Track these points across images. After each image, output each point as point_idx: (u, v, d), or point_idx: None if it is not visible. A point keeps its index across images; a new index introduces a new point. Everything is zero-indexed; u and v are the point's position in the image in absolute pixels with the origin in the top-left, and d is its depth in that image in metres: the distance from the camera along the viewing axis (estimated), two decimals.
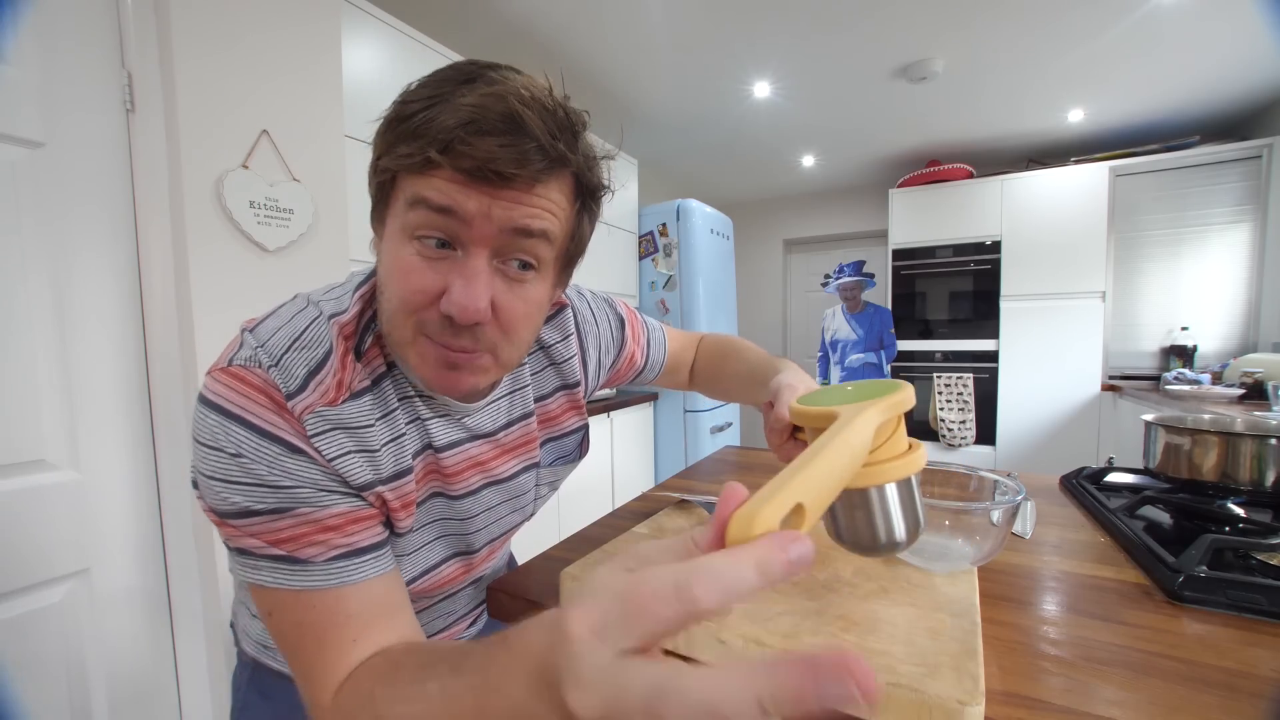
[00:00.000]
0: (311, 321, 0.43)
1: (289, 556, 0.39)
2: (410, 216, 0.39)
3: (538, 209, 0.40)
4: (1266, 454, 0.70)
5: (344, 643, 0.39)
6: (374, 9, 1.59)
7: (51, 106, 0.95)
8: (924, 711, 0.36)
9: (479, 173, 0.37)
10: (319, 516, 0.40)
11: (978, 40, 2.24)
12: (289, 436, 0.40)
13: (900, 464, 0.34)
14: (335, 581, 0.40)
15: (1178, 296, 3.05)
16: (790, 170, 3.94)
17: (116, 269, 1.05)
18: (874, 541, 0.36)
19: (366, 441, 0.43)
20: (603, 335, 0.67)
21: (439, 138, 0.37)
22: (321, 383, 0.41)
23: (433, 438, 0.50)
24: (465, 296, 0.39)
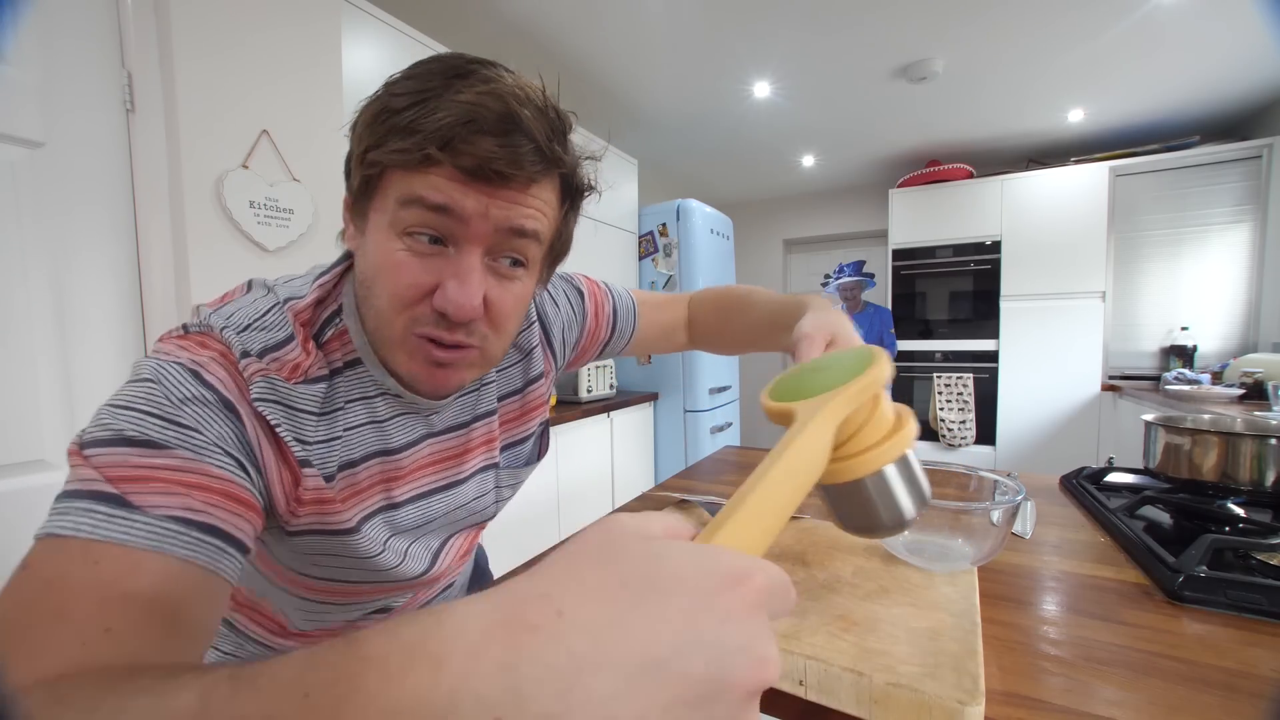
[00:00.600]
0: (271, 306, 0.42)
1: (115, 496, 0.30)
2: (403, 214, 0.39)
3: (532, 209, 0.41)
4: (1266, 454, 0.70)
5: (91, 629, 0.27)
6: (374, 9, 1.59)
7: (51, 106, 0.95)
8: (924, 711, 0.36)
9: (479, 172, 0.37)
10: (193, 466, 0.33)
11: (978, 40, 2.24)
12: (226, 392, 0.37)
13: (888, 446, 0.33)
14: (148, 543, 0.30)
15: (1178, 296, 3.05)
16: (790, 170, 3.94)
17: (116, 269, 1.05)
18: (879, 525, 0.34)
19: (301, 429, 0.41)
20: (563, 313, 0.65)
21: (438, 134, 0.36)
22: (277, 359, 0.40)
23: (388, 440, 0.48)
24: (460, 294, 0.39)
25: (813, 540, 0.63)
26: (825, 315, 0.50)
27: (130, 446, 0.32)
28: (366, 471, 0.47)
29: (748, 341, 0.69)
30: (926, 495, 0.35)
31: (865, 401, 0.33)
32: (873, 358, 0.34)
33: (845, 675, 0.39)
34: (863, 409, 0.33)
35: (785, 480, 0.26)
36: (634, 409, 2.78)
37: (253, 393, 0.38)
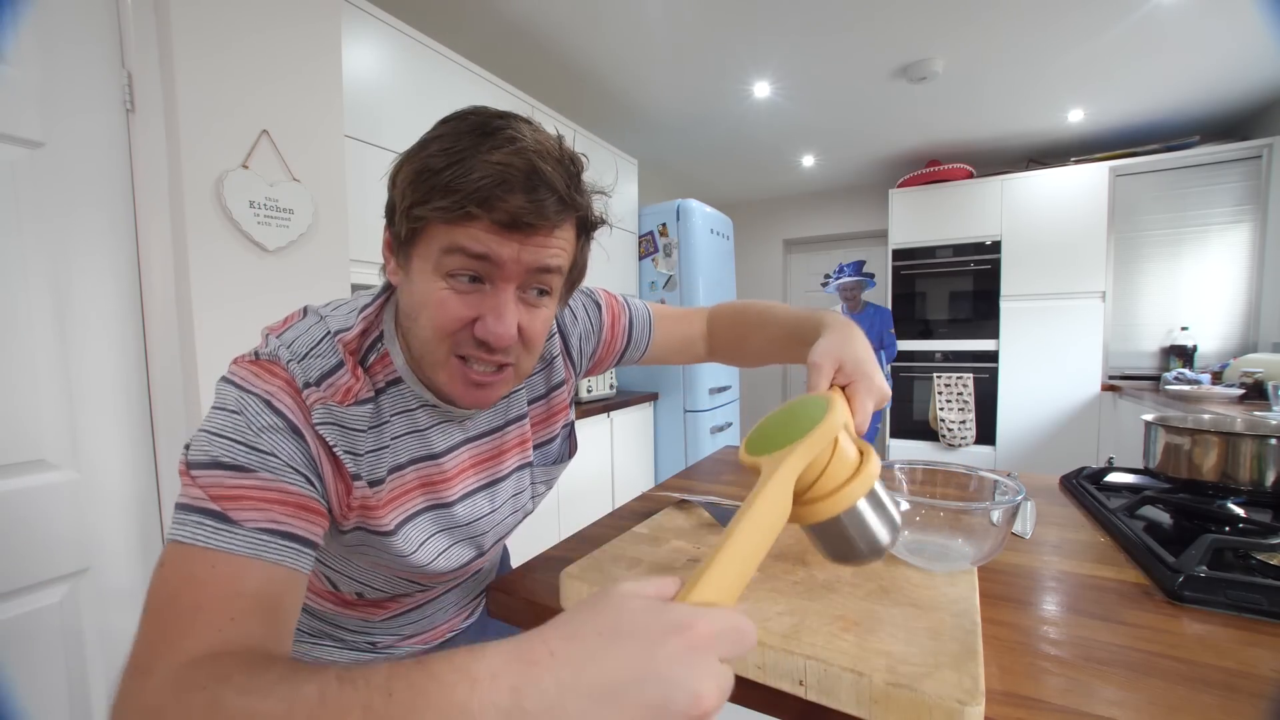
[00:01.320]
0: (324, 336, 0.49)
1: (220, 513, 0.39)
2: (446, 260, 0.45)
3: (556, 249, 0.47)
4: (1266, 454, 0.70)
5: (220, 618, 0.36)
6: (374, 9, 1.59)
7: (51, 106, 0.95)
8: (924, 711, 0.36)
9: (512, 225, 0.44)
10: (274, 485, 0.42)
11: (978, 40, 2.24)
12: (294, 418, 0.45)
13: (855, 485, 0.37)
14: (249, 551, 0.39)
15: (1178, 296, 3.05)
16: (790, 170, 3.94)
17: (116, 269, 1.05)
18: (858, 554, 0.38)
19: (355, 444, 0.48)
20: (580, 324, 0.70)
21: (476, 195, 0.43)
22: (333, 385, 0.47)
23: (430, 446, 0.55)
24: (500, 325, 0.46)
25: None
26: (836, 339, 0.52)
27: (224, 470, 0.41)
28: (412, 474, 0.54)
29: (766, 355, 0.73)
30: (898, 522, 0.40)
31: (824, 448, 0.37)
32: (827, 408, 0.39)
33: (845, 675, 0.39)
34: (823, 454, 0.37)
35: (750, 536, 0.31)
36: (634, 409, 2.78)
37: (314, 417, 0.46)
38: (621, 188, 2.92)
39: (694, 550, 0.61)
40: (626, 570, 0.56)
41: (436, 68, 1.79)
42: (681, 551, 0.61)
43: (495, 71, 2.09)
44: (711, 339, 0.79)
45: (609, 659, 0.25)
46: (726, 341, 0.77)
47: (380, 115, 1.61)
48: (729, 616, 0.28)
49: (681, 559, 0.59)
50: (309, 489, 0.44)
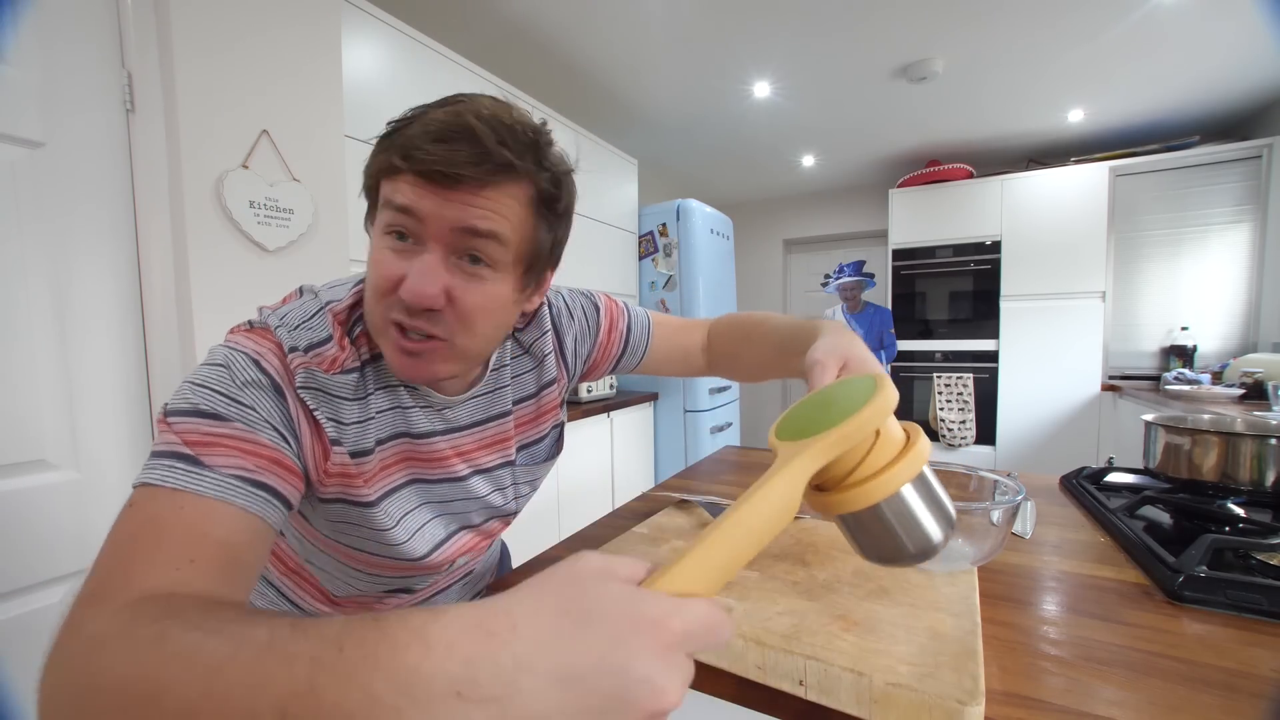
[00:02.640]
0: (317, 310, 0.50)
1: (192, 456, 0.39)
2: (383, 216, 0.46)
3: (485, 210, 0.45)
4: (1266, 454, 0.70)
5: (179, 557, 0.35)
6: (374, 9, 1.59)
7: (51, 106, 0.95)
8: (924, 711, 0.36)
9: (430, 175, 0.43)
10: (249, 436, 0.42)
11: (978, 40, 2.24)
12: (278, 378, 0.45)
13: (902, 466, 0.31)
14: (218, 494, 0.38)
15: (1178, 296, 3.05)
16: (790, 170, 3.94)
17: (116, 269, 1.05)
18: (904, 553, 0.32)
19: (339, 412, 0.49)
20: (577, 324, 0.69)
21: (403, 146, 0.43)
22: (320, 354, 0.47)
23: (411, 425, 0.55)
24: (416, 282, 0.44)
25: (812, 540, 0.63)
26: (838, 339, 0.49)
27: (201, 418, 0.41)
28: (395, 448, 0.54)
29: (762, 366, 0.70)
30: (951, 516, 0.33)
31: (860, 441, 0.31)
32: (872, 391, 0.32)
33: (845, 675, 0.39)
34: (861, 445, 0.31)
35: (743, 527, 0.28)
36: (634, 409, 2.78)
37: (297, 380, 0.46)
38: (621, 188, 2.92)
39: None
40: None
41: (437, 68, 1.79)
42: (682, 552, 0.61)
43: (495, 71, 2.09)
44: (710, 352, 0.77)
45: (573, 643, 0.24)
46: (724, 355, 0.75)
47: (380, 115, 1.60)
48: (705, 612, 0.26)
49: None
50: (284, 446, 0.44)
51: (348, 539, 0.55)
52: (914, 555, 0.32)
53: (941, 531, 0.32)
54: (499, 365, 0.62)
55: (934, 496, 0.32)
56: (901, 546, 0.32)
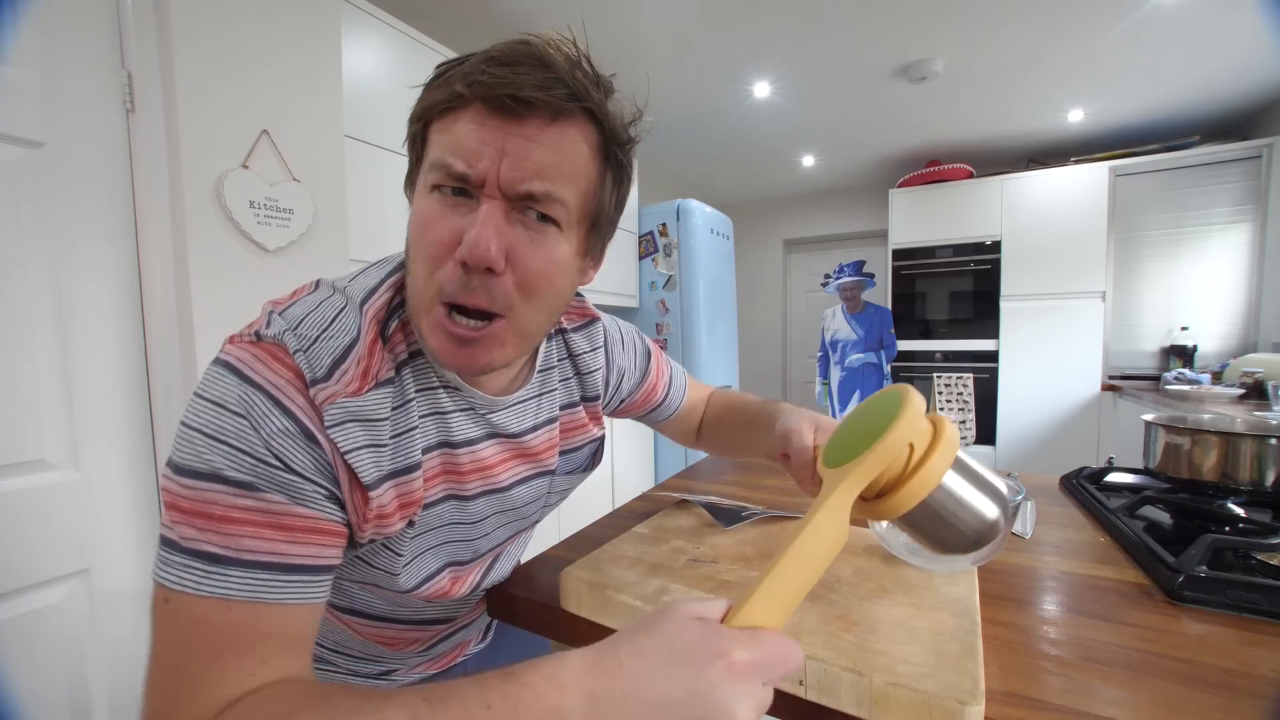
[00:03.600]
0: (339, 311, 0.42)
1: (215, 555, 0.34)
2: (434, 162, 0.40)
3: (552, 145, 0.39)
4: (1266, 454, 0.70)
5: (249, 660, 0.34)
6: (374, 9, 1.59)
7: (51, 106, 0.95)
8: (924, 711, 0.36)
9: (497, 100, 0.37)
10: (284, 510, 0.37)
11: (978, 40, 2.24)
12: (308, 422, 0.38)
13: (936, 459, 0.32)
14: (246, 594, 0.35)
15: (1178, 296, 3.05)
16: (790, 170, 3.94)
17: (116, 269, 1.05)
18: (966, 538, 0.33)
19: (378, 435, 0.41)
20: (628, 360, 0.67)
21: (465, 75, 0.39)
22: (345, 373, 0.40)
23: (451, 433, 0.48)
24: (477, 236, 0.38)
25: None
26: (800, 412, 0.56)
27: (224, 484, 0.35)
28: (437, 459, 0.47)
29: (735, 443, 0.73)
30: (1001, 491, 0.34)
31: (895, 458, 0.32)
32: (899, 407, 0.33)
33: (845, 675, 0.39)
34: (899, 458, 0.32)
35: (799, 559, 0.31)
36: None
37: (326, 419, 0.38)
38: None
39: (694, 550, 0.61)
40: (626, 570, 0.56)
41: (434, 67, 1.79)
42: (682, 551, 0.61)
43: None
44: (703, 422, 0.79)
45: (665, 677, 0.29)
46: (711, 426, 0.77)
47: (380, 115, 1.61)
48: (771, 644, 0.31)
49: (681, 559, 0.59)
50: (325, 507, 0.39)
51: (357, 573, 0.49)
52: (977, 537, 0.33)
53: (996, 507, 0.33)
54: (546, 366, 0.57)
55: (978, 477, 0.33)
56: (962, 533, 0.33)
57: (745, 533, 0.67)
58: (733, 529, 0.67)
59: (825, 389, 3.53)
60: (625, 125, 0.45)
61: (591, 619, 0.53)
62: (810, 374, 4.50)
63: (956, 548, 0.34)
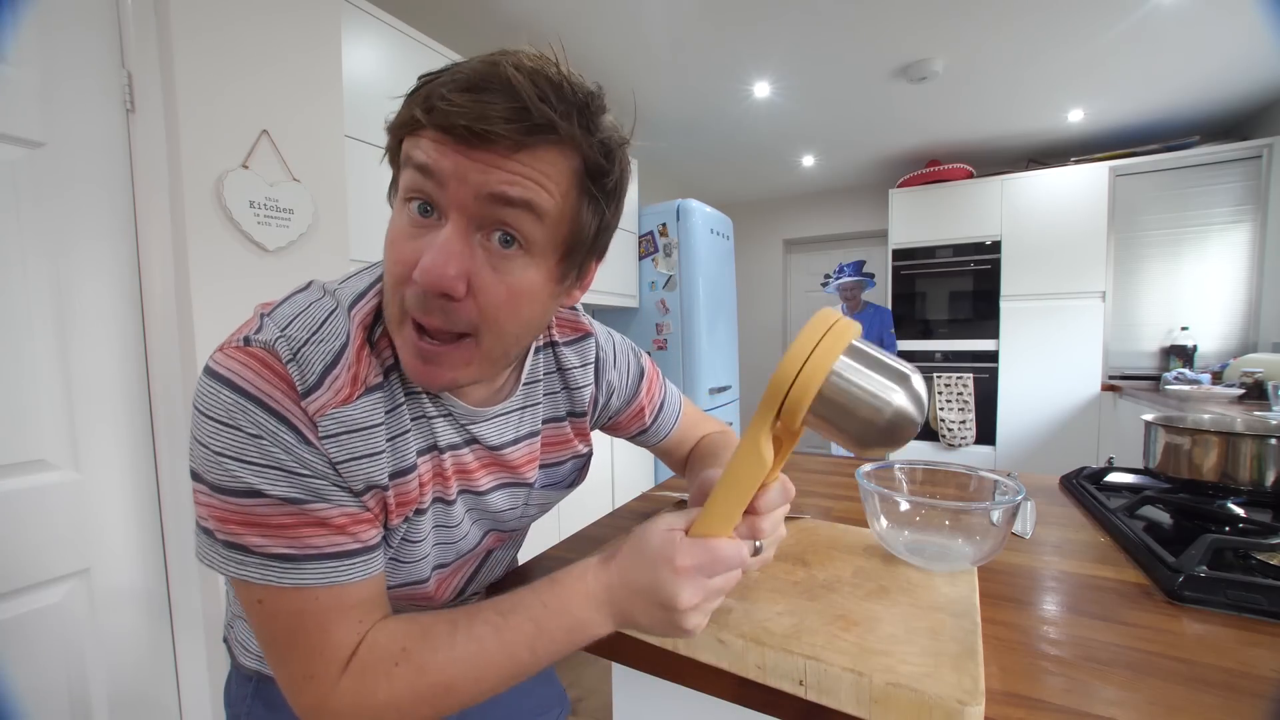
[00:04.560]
0: (330, 313, 0.42)
1: (286, 555, 0.39)
2: (403, 177, 0.40)
3: (518, 175, 0.37)
4: (1266, 454, 0.70)
5: (350, 623, 0.41)
6: (374, 9, 1.59)
7: (51, 106, 0.95)
8: (924, 711, 0.36)
9: (454, 130, 0.36)
10: (327, 514, 0.40)
11: (978, 40, 2.24)
12: (303, 427, 0.39)
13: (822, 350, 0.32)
14: (322, 581, 0.40)
15: (1178, 296, 3.05)
16: (790, 170, 3.94)
17: (117, 269, 1.05)
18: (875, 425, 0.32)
19: (372, 442, 0.42)
20: (619, 379, 0.65)
21: (426, 96, 0.38)
22: (336, 379, 0.40)
23: (437, 438, 0.48)
24: (430, 261, 0.37)
25: (813, 540, 0.63)
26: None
27: (268, 500, 0.38)
28: (430, 463, 0.48)
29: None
30: (904, 372, 0.33)
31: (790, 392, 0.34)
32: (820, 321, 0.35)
33: (845, 675, 0.39)
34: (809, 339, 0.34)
35: (730, 482, 0.40)
36: None
37: (320, 430, 0.39)
38: None
39: None
40: None
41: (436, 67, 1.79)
42: None
43: None
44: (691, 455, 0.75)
45: (638, 572, 0.41)
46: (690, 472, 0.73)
47: (380, 115, 1.60)
48: (713, 549, 0.40)
49: None
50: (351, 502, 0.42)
51: None
52: (887, 424, 0.32)
53: (900, 389, 0.32)
54: (532, 379, 0.56)
55: (877, 362, 0.33)
56: (866, 420, 0.32)
57: None
58: None
59: None
60: (609, 152, 0.41)
61: None
62: None
63: (871, 439, 0.33)
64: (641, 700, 0.57)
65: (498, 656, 0.41)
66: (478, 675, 0.41)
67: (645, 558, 0.41)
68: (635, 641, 0.49)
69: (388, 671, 0.40)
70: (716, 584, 0.40)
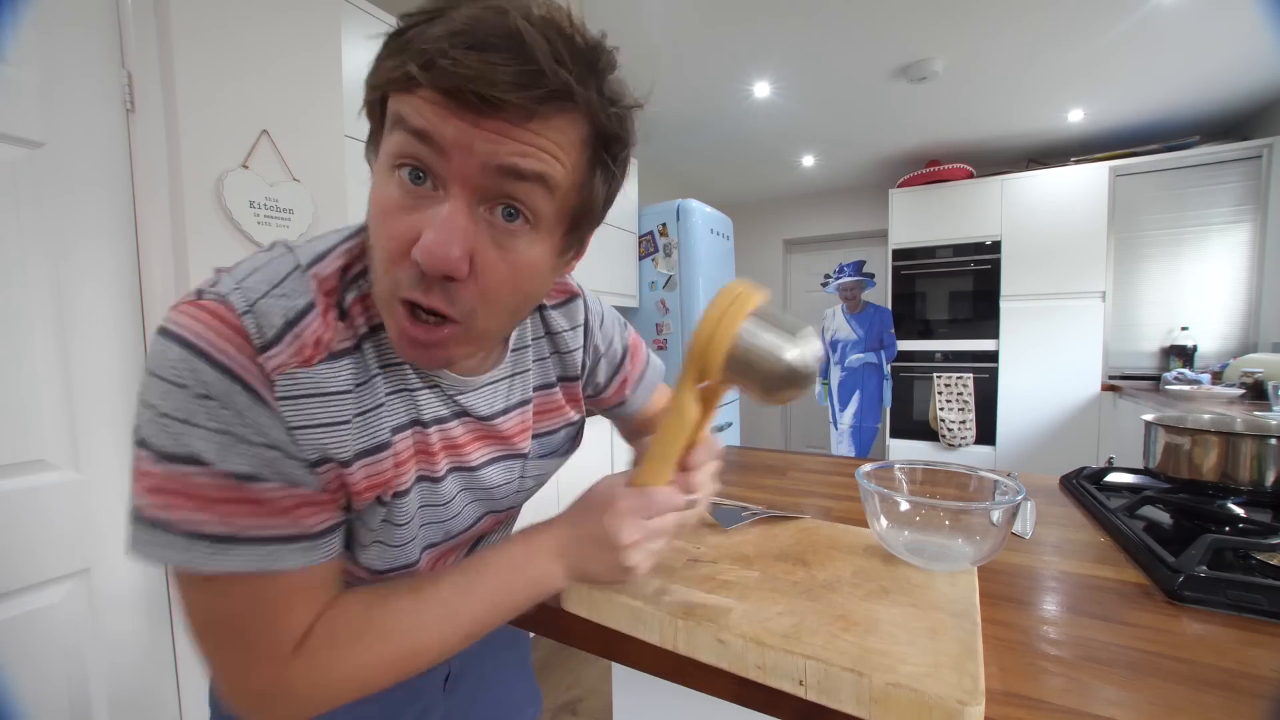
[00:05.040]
0: (291, 270, 0.38)
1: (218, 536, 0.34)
2: (391, 140, 0.35)
3: (531, 146, 0.34)
4: (1266, 454, 0.70)
5: (299, 608, 0.38)
6: (374, 9, 1.59)
7: (51, 106, 0.95)
8: (924, 711, 0.36)
9: (459, 94, 0.32)
10: (272, 495, 0.36)
11: (978, 40, 2.24)
12: (258, 385, 0.35)
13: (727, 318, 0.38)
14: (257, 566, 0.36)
15: (1178, 296, 3.05)
16: (790, 170, 3.94)
17: (117, 269, 1.05)
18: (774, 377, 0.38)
19: (338, 410, 0.38)
20: (606, 342, 0.62)
21: (422, 50, 0.32)
22: (299, 337, 0.36)
23: (420, 411, 0.44)
24: (434, 241, 0.33)
25: (813, 540, 0.63)
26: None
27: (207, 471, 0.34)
28: (411, 439, 0.44)
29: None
30: (803, 330, 0.38)
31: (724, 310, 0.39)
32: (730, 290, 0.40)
33: (845, 675, 0.39)
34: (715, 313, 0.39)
35: (660, 444, 0.45)
36: None
37: (277, 390, 0.35)
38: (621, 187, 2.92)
39: (694, 550, 0.61)
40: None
41: None
42: (682, 551, 0.61)
43: None
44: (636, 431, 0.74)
45: (584, 520, 0.45)
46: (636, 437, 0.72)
47: None
48: (649, 495, 0.44)
49: (681, 559, 0.59)
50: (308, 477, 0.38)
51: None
52: (784, 374, 0.38)
53: (793, 346, 0.37)
54: (520, 345, 0.53)
55: (773, 324, 0.38)
56: (768, 372, 0.38)
57: (745, 533, 0.67)
58: (732, 529, 0.67)
59: (825, 389, 3.53)
60: (623, 120, 0.39)
61: (592, 619, 0.53)
62: None
63: (774, 387, 0.38)
64: (641, 700, 0.57)
65: (463, 617, 0.42)
66: (444, 636, 0.42)
67: (592, 507, 0.45)
68: (636, 641, 0.49)
69: (348, 644, 0.39)
70: (655, 525, 0.44)
